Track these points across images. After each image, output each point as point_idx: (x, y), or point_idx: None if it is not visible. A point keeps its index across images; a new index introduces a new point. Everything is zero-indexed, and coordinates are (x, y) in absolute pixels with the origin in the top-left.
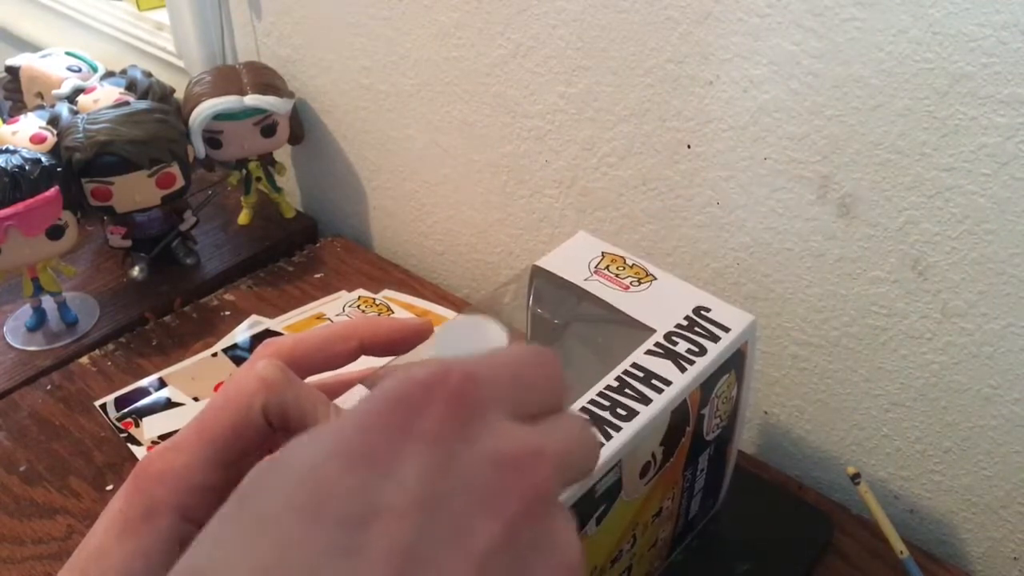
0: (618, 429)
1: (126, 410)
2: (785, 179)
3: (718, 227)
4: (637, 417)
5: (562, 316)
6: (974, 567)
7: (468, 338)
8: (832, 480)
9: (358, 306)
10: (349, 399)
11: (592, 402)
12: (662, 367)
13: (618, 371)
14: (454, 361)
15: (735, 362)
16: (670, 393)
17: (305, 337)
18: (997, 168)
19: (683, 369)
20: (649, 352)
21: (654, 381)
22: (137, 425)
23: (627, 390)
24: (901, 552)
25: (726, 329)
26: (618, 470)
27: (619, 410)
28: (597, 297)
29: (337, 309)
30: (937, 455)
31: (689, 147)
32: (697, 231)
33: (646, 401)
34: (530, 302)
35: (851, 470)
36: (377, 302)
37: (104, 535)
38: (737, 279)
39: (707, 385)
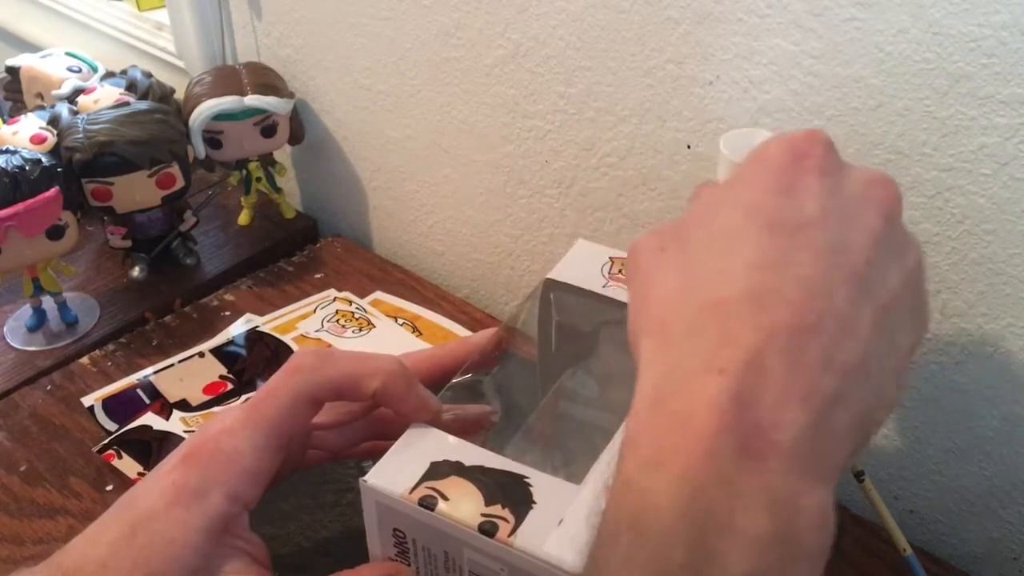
0: None
1: (106, 441)
2: None
3: None
4: None
5: (589, 324)
6: (974, 567)
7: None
8: None
9: (337, 320)
10: None
11: None
12: None
13: None
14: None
15: None
16: None
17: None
18: (997, 168)
19: None
20: None
21: None
22: (120, 457)
23: None
24: (904, 550)
25: None
26: None
27: None
28: (621, 301)
29: (316, 324)
30: (937, 455)
31: (689, 147)
32: None
33: None
34: (554, 314)
35: (855, 467)
36: (356, 316)
37: (156, 500)
38: None
39: None
